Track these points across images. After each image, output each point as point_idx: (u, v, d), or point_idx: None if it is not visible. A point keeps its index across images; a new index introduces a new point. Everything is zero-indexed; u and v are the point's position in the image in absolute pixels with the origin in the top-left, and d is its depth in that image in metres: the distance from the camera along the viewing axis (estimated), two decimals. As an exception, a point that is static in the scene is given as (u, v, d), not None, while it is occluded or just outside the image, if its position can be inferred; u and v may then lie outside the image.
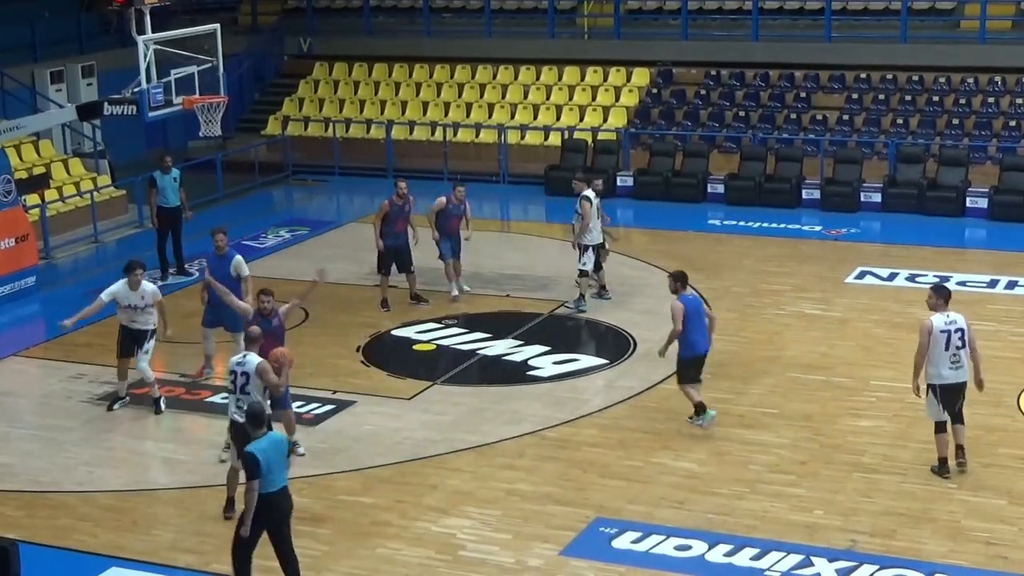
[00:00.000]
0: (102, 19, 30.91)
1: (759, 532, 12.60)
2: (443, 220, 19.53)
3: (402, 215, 19.28)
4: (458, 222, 19.64)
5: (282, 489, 11.35)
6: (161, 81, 20.51)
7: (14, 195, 20.99)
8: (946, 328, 13.22)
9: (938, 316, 13.30)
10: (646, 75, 29.71)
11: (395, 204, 19.24)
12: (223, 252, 16.64)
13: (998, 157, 25.46)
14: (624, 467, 14.16)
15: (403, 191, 19.29)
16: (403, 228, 19.31)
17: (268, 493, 11.19)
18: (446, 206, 19.46)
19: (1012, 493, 13.28)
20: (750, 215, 24.72)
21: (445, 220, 19.52)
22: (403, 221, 19.30)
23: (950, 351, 13.22)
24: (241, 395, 12.85)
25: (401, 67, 31.64)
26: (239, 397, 12.87)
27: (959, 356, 13.26)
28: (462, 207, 19.58)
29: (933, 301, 13.48)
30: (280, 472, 11.31)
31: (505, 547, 12.50)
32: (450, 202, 19.49)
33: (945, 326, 13.24)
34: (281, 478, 11.32)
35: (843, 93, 28.02)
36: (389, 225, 19.24)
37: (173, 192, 21.29)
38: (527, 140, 29.00)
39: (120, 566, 12.34)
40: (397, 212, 19.26)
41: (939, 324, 13.23)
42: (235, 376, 12.95)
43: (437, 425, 15.37)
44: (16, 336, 19.29)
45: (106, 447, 15.31)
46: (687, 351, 14.89)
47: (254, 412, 11.51)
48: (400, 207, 19.25)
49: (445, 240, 19.63)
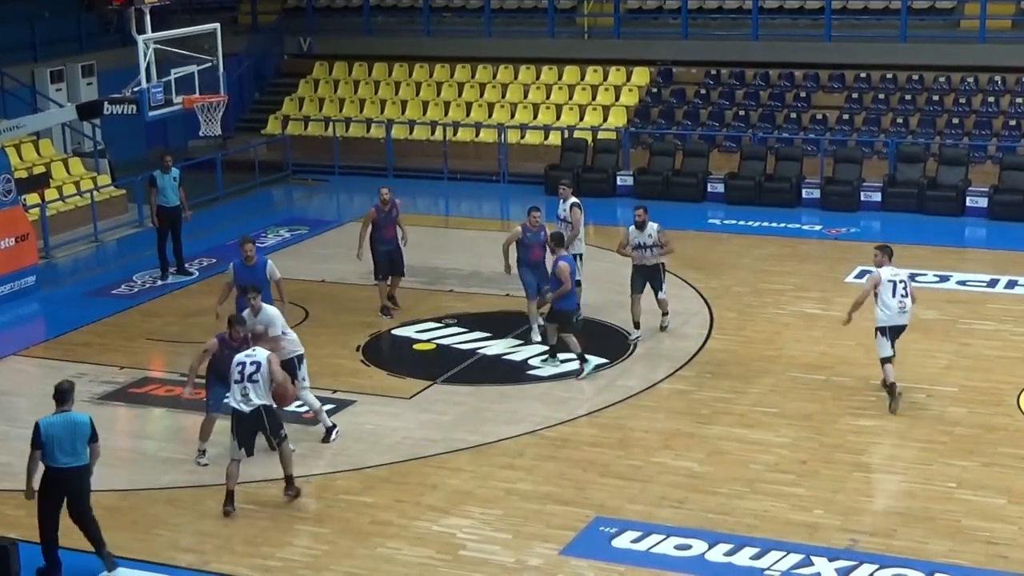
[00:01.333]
0: (102, 18, 30.90)
1: (759, 531, 12.60)
2: (523, 251, 17.83)
3: (389, 221, 19.15)
4: (542, 251, 17.73)
5: (68, 469, 11.69)
6: (161, 80, 20.51)
7: (14, 194, 20.99)
8: (892, 279, 15.36)
9: (885, 269, 15.43)
10: (646, 74, 29.71)
11: (381, 211, 19.12)
12: (253, 262, 16.26)
13: (998, 156, 25.46)
14: (624, 466, 14.16)
15: (386, 197, 19.11)
16: (392, 234, 19.15)
17: (51, 468, 11.65)
18: (523, 235, 17.74)
19: (1012, 492, 13.28)
20: (750, 215, 24.72)
21: (526, 251, 17.81)
22: (391, 227, 19.18)
23: (896, 298, 15.28)
24: (249, 383, 12.98)
25: (401, 66, 31.64)
26: (245, 386, 12.99)
27: (904, 303, 15.29)
28: (542, 234, 17.68)
29: (879, 258, 15.58)
30: (67, 454, 11.65)
31: (505, 547, 12.50)
32: (527, 229, 17.76)
33: (892, 277, 15.36)
34: (67, 459, 11.65)
35: (843, 92, 28.02)
36: (379, 232, 19.12)
37: (173, 191, 21.29)
38: (527, 140, 29.00)
39: (120, 566, 12.32)
40: (384, 218, 19.14)
41: (887, 276, 15.37)
42: (243, 367, 13.05)
43: (437, 425, 15.37)
44: (16, 336, 19.29)
45: (106, 447, 15.22)
46: (568, 304, 16.63)
47: (59, 388, 11.86)
48: (387, 213, 19.14)
49: (527, 271, 17.87)
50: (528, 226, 17.75)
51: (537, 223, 17.77)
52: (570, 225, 18.39)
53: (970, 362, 16.91)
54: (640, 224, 17.69)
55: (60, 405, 11.88)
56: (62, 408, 11.89)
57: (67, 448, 11.74)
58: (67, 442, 11.73)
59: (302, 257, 22.38)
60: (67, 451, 11.74)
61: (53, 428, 11.74)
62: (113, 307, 20.26)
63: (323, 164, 29.37)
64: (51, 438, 11.68)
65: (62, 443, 11.70)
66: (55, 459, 11.72)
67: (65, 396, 11.91)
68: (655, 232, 17.66)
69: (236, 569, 12.22)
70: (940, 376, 16.46)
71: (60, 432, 11.71)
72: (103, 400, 16.50)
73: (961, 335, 17.91)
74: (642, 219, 17.71)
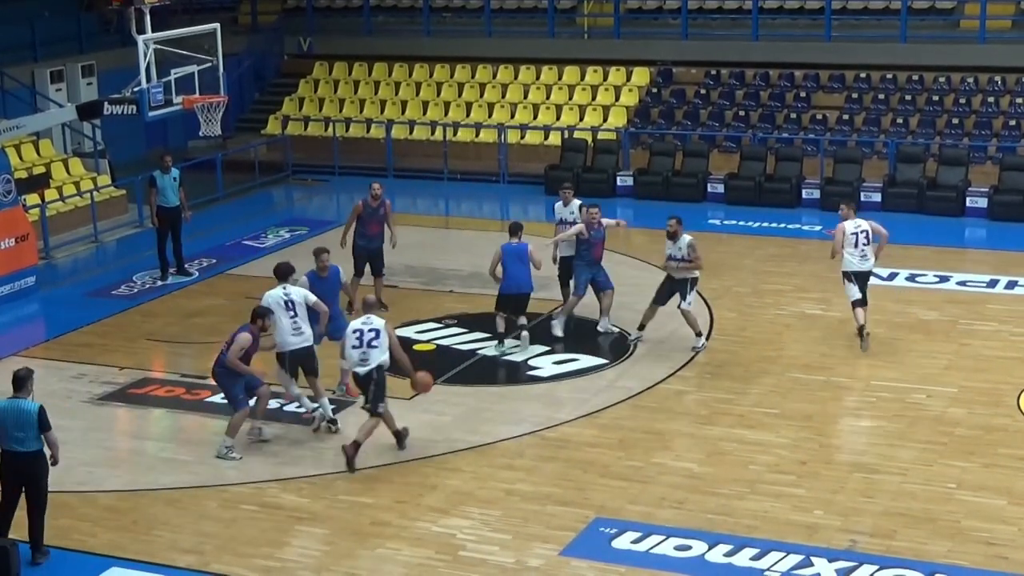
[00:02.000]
0: (102, 19, 30.92)
1: (759, 532, 12.60)
2: (585, 249, 17.93)
3: (376, 217, 19.10)
4: (602, 249, 18.13)
5: (17, 453, 12.05)
6: (161, 81, 20.51)
7: (14, 195, 20.99)
8: (855, 231, 17.27)
9: (849, 222, 17.36)
10: (646, 75, 29.72)
11: (369, 206, 19.06)
12: (326, 272, 16.19)
13: (998, 157, 25.47)
14: (624, 467, 14.16)
15: (377, 193, 19.08)
16: (377, 231, 19.09)
17: (4, 451, 12.09)
18: (588, 233, 17.84)
19: (1012, 493, 13.29)
20: (750, 215, 24.72)
21: (589, 248, 17.94)
22: (377, 224, 19.12)
23: (859, 248, 17.23)
24: (369, 348, 14.20)
25: (401, 67, 31.64)
26: (364, 351, 14.21)
27: (865, 251, 17.28)
28: (603, 231, 18.01)
29: (845, 212, 17.53)
30: (15, 440, 11.99)
31: (505, 547, 12.50)
32: (591, 227, 17.89)
33: (855, 229, 17.27)
34: (15, 444, 12.01)
35: (843, 93, 28.02)
36: (363, 227, 19.04)
37: (173, 192, 21.29)
38: (527, 140, 29.01)
39: (120, 566, 12.35)
40: (371, 214, 19.07)
41: (850, 228, 17.28)
42: (361, 333, 14.23)
43: (437, 425, 15.37)
44: (16, 336, 19.29)
45: (106, 447, 15.31)
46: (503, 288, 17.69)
47: (16, 375, 12.21)
48: (374, 209, 19.08)
49: (584, 268, 18.00)
50: (589, 223, 17.88)
51: (598, 221, 17.95)
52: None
53: (970, 363, 16.91)
54: (671, 235, 17.42)
55: (15, 392, 12.19)
56: (16, 395, 12.17)
57: (13, 434, 12.04)
58: (11, 427, 12.02)
59: (302, 258, 22.24)
60: (13, 437, 12.05)
61: (3, 413, 12.08)
62: (113, 308, 20.26)
63: (323, 164, 29.37)
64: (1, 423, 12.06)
65: (8, 427, 12.03)
66: (5, 442, 12.11)
67: (20, 383, 12.20)
68: (685, 246, 17.33)
69: (236, 569, 12.22)
70: (940, 377, 16.45)
71: (6, 417, 12.05)
72: (103, 400, 16.51)
73: (961, 336, 17.91)
74: (674, 230, 17.38)
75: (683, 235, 17.38)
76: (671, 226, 17.47)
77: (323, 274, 16.15)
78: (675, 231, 17.40)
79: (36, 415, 12.07)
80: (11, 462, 12.15)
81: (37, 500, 12.30)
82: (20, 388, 12.21)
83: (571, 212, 18.68)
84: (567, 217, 18.68)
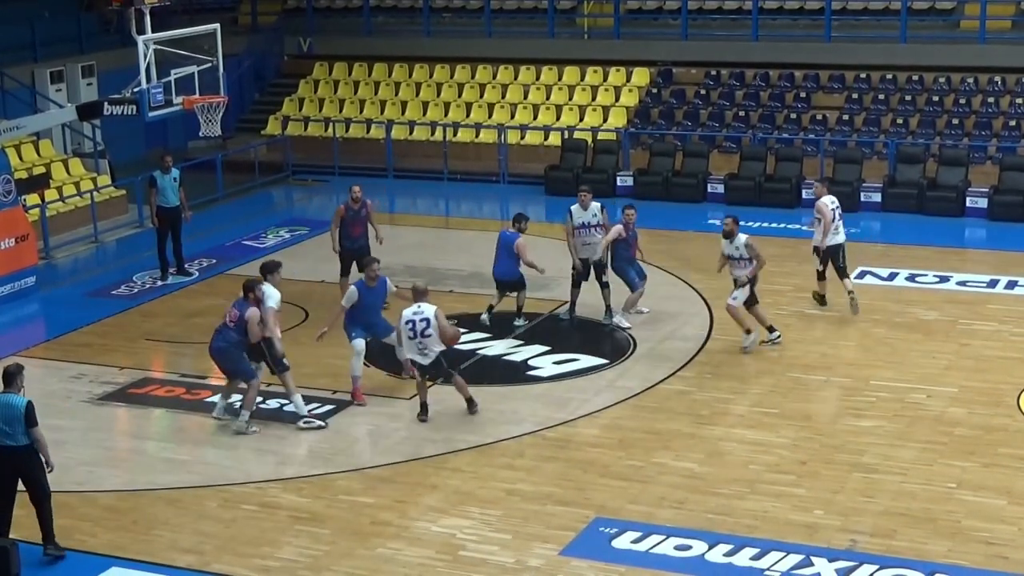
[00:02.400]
0: (102, 19, 30.93)
1: (759, 532, 12.60)
2: (624, 249, 18.24)
3: (358, 219, 19.20)
4: (636, 247, 18.48)
5: (6, 448, 12.07)
6: (161, 81, 20.49)
7: (14, 195, 20.99)
8: (834, 207, 18.58)
9: (827, 198, 18.65)
10: (646, 75, 29.72)
11: (351, 208, 19.17)
12: (375, 282, 16.19)
13: (998, 157, 25.47)
14: (624, 467, 14.16)
15: (357, 195, 19.19)
16: (360, 232, 19.17)
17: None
18: (626, 234, 18.16)
19: (1012, 493, 13.28)
20: (750, 215, 24.65)
21: (628, 248, 18.28)
22: (360, 225, 19.21)
23: (835, 221, 18.51)
24: (422, 339, 14.95)
25: (401, 67, 31.64)
26: (421, 340, 14.98)
27: (838, 225, 18.53)
28: (635, 231, 18.39)
29: (820, 189, 18.95)
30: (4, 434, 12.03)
31: (505, 547, 12.50)
32: (628, 228, 18.17)
33: (833, 205, 18.58)
34: (5, 438, 12.05)
35: (843, 93, 28.03)
36: (346, 229, 19.16)
37: (173, 192, 21.29)
38: (527, 140, 29.01)
39: (120, 566, 12.35)
40: (353, 216, 19.18)
41: (830, 204, 18.58)
42: (413, 324, 14.97)
43: (437, 425, 15.37)
44: (16, 336, 19.29)
45: (106, 447, 15.32)
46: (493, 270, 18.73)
47: (5, 370, 12.30)
48: (356, 211, 19.18)
49: (628, 266, 18.38)
50: (627, 224, 18.16)
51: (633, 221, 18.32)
52: (604, 229, 18.35)
53: (970, 363, 16.91)
54: (727, 234, 17.35)
55: (5, 387, 12.24)
56: (7, 390, 12.24)
57: (2, 428, 12.07)
58: (1, 422, 12.05)
59: (302, 258, 22.36)
60: (2, 431, 12.08)
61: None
62: (113, 308, 20.26)
63: (323, 165, 29.37)
64: None
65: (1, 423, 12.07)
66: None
67: (10, 379, 12.28)
68: (743, 245, 17.23)
69: (236, 569, 12.22)
70: (940, 377, 16.45)
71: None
72: (103, 400, 16.51)
73: (961, 336, 17.91)
74: (730, 229, 17.32)
75: (739, 234, 17.28)
76: (727, 225, 17.40)
77: (371, 284, 16.19)
78: (731, 230, 17.30)
79: (23, 410, 12.09)
80: (1, 456, 12.16)
81: (35, 494, 12.30)
82: (10, 383, 12.27)
83: (593, 215, 18.39)
84: (589, 220, 18.40)
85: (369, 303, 16.06)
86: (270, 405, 16.07)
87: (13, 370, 12.35)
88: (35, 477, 12.30)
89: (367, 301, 16.02)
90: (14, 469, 12.19)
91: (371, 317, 16.19)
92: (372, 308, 16.16)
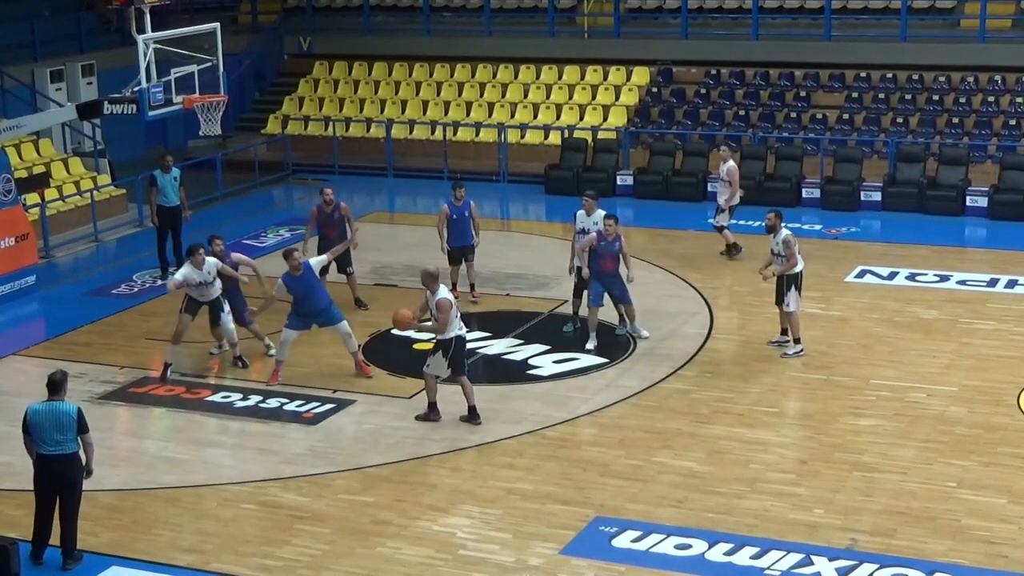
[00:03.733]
0: (102, 18, 30.93)
1: (759, 531, 12.60)
2: (595, 260, 17.40)
3: (331, 222, 19.30)
4: (614, 263, 17.44)
5: (55, 456, 11.94)
6: (161, 80, 20.50)
7: (14, 194, 20.99)
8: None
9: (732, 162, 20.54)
10: (646, 74, 29.72)
11: (323, 211, 19.26)
12: (300, 271, 16.47)
13: (998, 156, 25.46)
14: (624, 466, 14.16)
15: (329, 198, 19.26)
16: (335, 235, 19.21)
17: (40, 455, 12.01)
18: (597, 244, 17.31)
19: (1012, 492, 13.28)
20: (750, 214, 24.68)
21: (598, 260, 17.37)
22: (334, 228, 19.29)
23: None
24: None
25: (401, 66, 31.64)
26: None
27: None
28: (616, 244, 17.34)
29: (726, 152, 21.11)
30: (51, 443, 11.92)
31: (505, 546, 12.50)
32: (602, 238, 17.32)
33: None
34: (51, 448, 11.93)
35: (843, 92, 28.02)
36: (321, 230, 19.30)
37: (173, 191, 21.30)
38: (527, 139, 29.00)
39: (120, 565, 12.35)
40: (326, 220, 19.28)
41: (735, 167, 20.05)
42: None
43: (437, 425, 15.37)
44: (16, 336, 19.29)
45: (106, 447, 15.26)
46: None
47: (51, 379, 12.16)
48: (328, 215, 19.28)
49: (595, 281, 17.55)
50: (604, 234, 17.34)
51: (613, 233, 17.31)
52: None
53: (970, 362, 16.91)
54: (769, 229, 17.12)
55: (51, 395, 12.12)
56: (53, 398, 12.10)
57: (49, 436, 11.96)
58: (50, 430, 11.94)
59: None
60: (49, 440, 11.96)
61: (38, 416, 12.02)
62: (113, 307, 20.26)
63: (323, 164, 29.37)
64: (36, 425, 11.98)
65: (46, 431, 11.94)
66: (41, 446, 12.02)
67: (56, 387, 12.14)
68: (781, 241, 16.99)
69: (236, 569, 12.22)
70: (940, 376, 16.45)
71: (44, 420, 11.96)
72: (103, 400, 16.51)
73: (961, 335, 17.91)
74: (772, 223, 17.05)
75: (782, 230, 17.03)
76: (769, 219, 17.17)
77: (296, 273, 16.53)
78: (773, 224, 17.07)
79: (76, 416, 12.02)
80: (49, 465, 11.99)
81: (70, 505, 12.16)
82: (57, 391, 12.09)
83: (594, 222, 17.76)
84: (589, 227, 17.83)
85: (298, 291, 16.49)
86: (270, 404, 16.09)
87: (59, 377, 12.17)
88: (76, 482, 12.14)
89: (295, 290, 16.49)
90: (60, 477, 12.06)
91: (306, 307, 16.52)
92: (306, 297, 16.50)
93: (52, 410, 12.02)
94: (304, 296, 16.53)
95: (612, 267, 17.39)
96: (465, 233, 19.63)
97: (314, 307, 16.57)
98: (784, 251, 16.98)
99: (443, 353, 15.05)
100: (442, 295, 15.12)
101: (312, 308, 16.57)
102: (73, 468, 12.08)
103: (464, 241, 19.65)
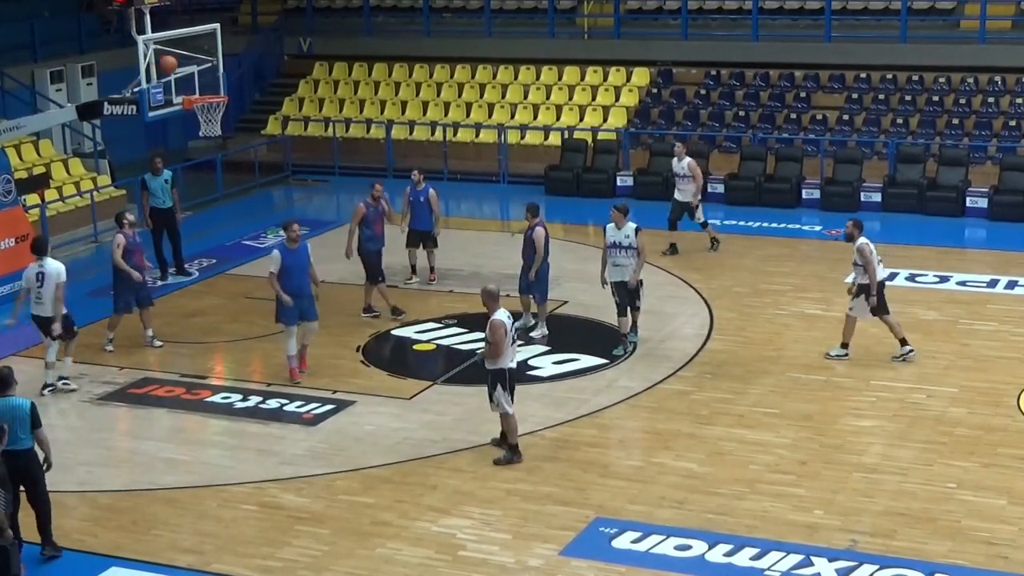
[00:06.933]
0: (102, 19, 30.92)
1: (759, 532, 12.60)
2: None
3: (379, 216, 19.32)
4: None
5: (11, 452, 11.81)
6: (161, 81, 20.48)
7: (14, 195, 20.97)
8: None
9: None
10: (646, 75, 29.72)
11: (370, 206, 19.23)
12: (297, 244, 16.57)
13: (998, 157, 25.46)
14: (624, 467, 14.16)
15: (378, 192, 19.33)
16: (382, 230, 19.26)
17: (5, 450, 11.77)
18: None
19: (1012, 493, 13.28)
20: (750, 215, 24.72)
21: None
22: (381, 222, 19.32)
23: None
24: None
25: (401, 67, 31.64)
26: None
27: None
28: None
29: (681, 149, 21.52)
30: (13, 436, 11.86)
31: (505, 547, 12.50)
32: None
33: None
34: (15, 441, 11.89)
35: (843, 93, 28.02)
36: (369, 229, 19.16)
37: (165, 193, 21.28)
38: (527, 140, 29.00)
39: (120, 566, 12.35)
40: (373, 214, 19.26)
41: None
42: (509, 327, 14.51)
43: (437, 425, 15.37)
44: (16, 336, 19.24)
45: (106, 447, 15.31)
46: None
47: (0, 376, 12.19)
48: (375, 208, 19.28)
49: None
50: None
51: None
52: (637, 251, 17.17)
53: (970, 363, 16.91)
54: (848, 238, 16.91)
55: (3, 391, 12.13)
56: (5, 393, 12.12)
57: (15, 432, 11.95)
58: (13, 427, 11.93)
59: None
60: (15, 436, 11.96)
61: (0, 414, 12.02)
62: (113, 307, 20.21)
63: (323, 165, 29.38)
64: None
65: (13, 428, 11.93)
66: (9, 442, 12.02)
67: (6, 383, 12.16)
68: (855, 250, 16.73)
69: (236, 570, 12.22)
70: (940, 376, 16.45)
71: (5, 417, 11.93)
72: (103, 400, 16.51)
73: (961, 336, 17.91)
74: (849, 232, 16.84)
75: (859, 238, 16.77)
76: (847, 228, 17.00)
77: (293, 246, 16.52)
78: (851, 233, 16.87)
79: (28, 411, 12.08)
80: (6, 460, 11.97)
81: (35, 496, 12.27)
82: (8, 387, 12.19)
83: (625, 236, 17.10)
84: (620, 241, 17.14)
85: (291, 264, 16.42)
86: (270, 405, 16.09)
87: (6, 372, 12.26)
88: (36, 478, 12.25)
89: (288, 262, 16.40)
90: (18, 472, 12.09)
91: (291, 285, 16.40)
92: (294, 273, 16.43)
93: (7, 406, 12.05)
94: (292, 271, 16.36)
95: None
96: (421, 218, 20.24)
97: (297, 286, 16.39)
98: (859, 260, 16.76)
99: (501, 385, 14.13)
100: (497, 316, 14.20)
101: (295, 287, 16.38)
102: (29, 464, 12.13)
103: (420, 226, 20.25)
